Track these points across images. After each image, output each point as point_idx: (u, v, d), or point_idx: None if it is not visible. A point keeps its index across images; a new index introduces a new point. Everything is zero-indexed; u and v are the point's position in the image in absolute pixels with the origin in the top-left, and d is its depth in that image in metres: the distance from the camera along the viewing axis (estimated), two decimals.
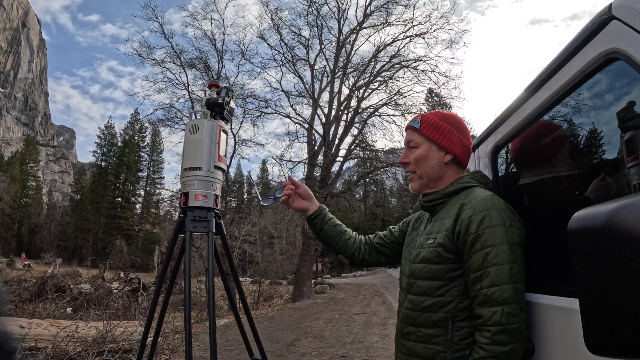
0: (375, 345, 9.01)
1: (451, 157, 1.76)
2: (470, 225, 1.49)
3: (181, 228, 2.89)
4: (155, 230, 41.40)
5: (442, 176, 1.77)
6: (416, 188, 1.82)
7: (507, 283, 1.37)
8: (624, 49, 1.02)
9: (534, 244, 1.55)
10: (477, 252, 1.45)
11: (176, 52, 23.07)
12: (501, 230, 1.44)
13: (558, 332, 1.26)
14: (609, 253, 0.65)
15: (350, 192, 29.35)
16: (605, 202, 0.69)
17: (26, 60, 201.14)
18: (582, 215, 0.73)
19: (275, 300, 21.53)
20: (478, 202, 1.53)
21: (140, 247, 74.31)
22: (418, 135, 1.79)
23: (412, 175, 1.82)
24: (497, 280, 1.38)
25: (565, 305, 1.21)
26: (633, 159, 1.05)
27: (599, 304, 0.68)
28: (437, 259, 1.59)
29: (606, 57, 1.10)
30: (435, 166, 1.76)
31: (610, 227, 0.65)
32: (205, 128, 2.91)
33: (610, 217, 0.66)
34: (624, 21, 1.03)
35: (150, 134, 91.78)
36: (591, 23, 1.16)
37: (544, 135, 1.58)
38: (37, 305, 11.41)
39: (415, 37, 23.67)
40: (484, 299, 1.40)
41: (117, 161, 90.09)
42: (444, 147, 1.76)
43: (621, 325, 0.64)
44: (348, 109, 24.74)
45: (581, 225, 0.71)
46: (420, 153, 1.77)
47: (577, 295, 0.74)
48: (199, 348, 7.85)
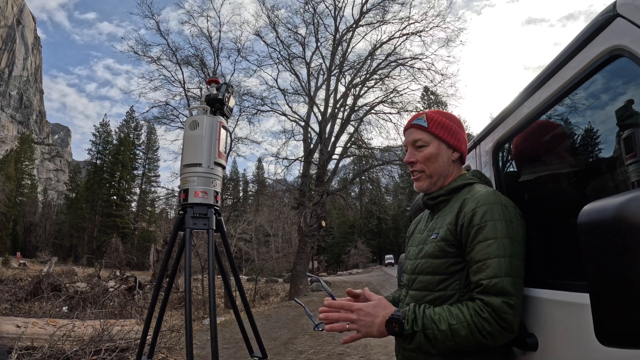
0: (372, 343, 9.01)
1: (458, 155, 1.77)
2: (474, 217, 1.50)
3: (181, 225, 2.89)
4: (151, 228, 41.32)
5: (449, 174, 1.76)
6: (425, 187, 1.79)
7: (508, 275, 1.37)
8: (629, 46, 1.03)
9: (538, 239, 1.56)
10: (480, 243, 1.45)
11: (172, 50, 23.03)
12: (503, 224, 1.44)
13: (562, 327, 1.27)
14: (619, 245, 0.66)
15: (346, 190, 29.44)
16: (615, 195, 0.70)
17: (21, 58, 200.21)
18: (592, 208, 0.73)
19: (271, 298, 21.54)
20: (481, 196, 1.54)
21: (136, 245, 74.28)
22: (426, 133, 1.76)
23: (420, 175, 1.78)
24: (499, 271, 1.38)
25: (569, 299, 1.22)
26: (632, 157, 1.06)
27: (609, 296, 0.69)
28: (439, 253, 1.59)
29: (610, 54, 1.11)
30: (445, 164, 1.74)
31: (620, 219, 0.66)
32: (205, 124, 2.90)
33: (620, 209, 0.66)
34: (629, 18, 1.04)
35: (146, 132, 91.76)
36: (596, 20, 1.16)
37: (545, 132, 1.58)
38: (33, 305, 11.35)
39: (412, 35, 23.72)
40: (485, 289, 1.40)
41: (113, 159, 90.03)
42: (453, 145, 1.75)
43: (632, 316, 0.65)
44: (344, 106, 24.79)
45: (591, 218, 0.72)
46: (431, 151, 1.74)
47: (587, 288, 0.74)
48: (196, 346, 7.85)
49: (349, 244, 79.48)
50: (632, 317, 0.65)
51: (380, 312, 1.50)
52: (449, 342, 1.39)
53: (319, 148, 23.67)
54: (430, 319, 1.43)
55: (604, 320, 0.70)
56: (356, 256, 71.75)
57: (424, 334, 1.41)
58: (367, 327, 1.50)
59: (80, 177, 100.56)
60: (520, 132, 1.69)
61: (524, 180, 1.79)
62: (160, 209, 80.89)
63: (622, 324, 0.67)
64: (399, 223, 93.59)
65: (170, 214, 66.05)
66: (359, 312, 1.52)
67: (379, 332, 1.49)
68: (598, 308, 0.71)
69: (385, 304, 1.54)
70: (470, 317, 1.38)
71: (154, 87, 23.44)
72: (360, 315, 1.51)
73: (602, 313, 0.71)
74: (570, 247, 1.30)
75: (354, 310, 1.53)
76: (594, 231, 0.71)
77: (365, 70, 24.80)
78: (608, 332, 0.70)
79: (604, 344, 0.72)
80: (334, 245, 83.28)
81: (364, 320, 1.50)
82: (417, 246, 1.78)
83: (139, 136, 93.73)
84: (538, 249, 1.56)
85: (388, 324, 1.47)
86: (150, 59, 23.25)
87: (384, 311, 1.50)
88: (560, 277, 1.41)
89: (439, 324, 1.40)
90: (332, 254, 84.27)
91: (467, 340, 1.38)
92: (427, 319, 1.43)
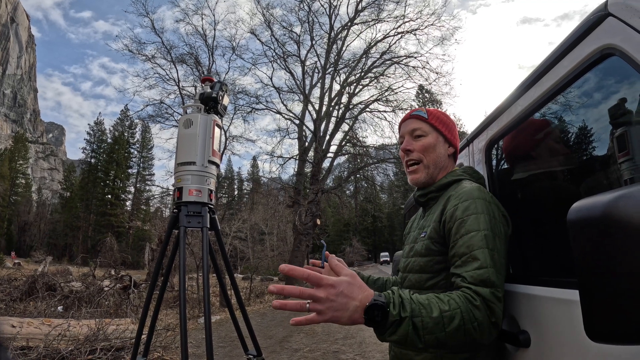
0: (367, 341, 9.03)
1: (453, 150, 1.79)
2: (456, 212, 1.49)
3: (175, 223, 2.89)
4: (145, 227, 41.26)
5: (444, 167, 1.77)
6: (422, 180, 1.76)
7: (493, 267, 1.34)
8: (620, 45, 1.04)
9: (531, 236, 1.57)
10: (463, 236, 1.42)
11: (166, 48, 23.00)
12: (486, 217, 1.43)
13: (554, 324, 1.27)
14: (608, 242, 0.67)
15: (341, 188, 29.43)
16: (604, 193, 0.71)
17: (15, 56, 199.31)
18: (581, 205, 0.74)
19: (266, 297, 21.51)
20: (464, 192, 1.53)
21: (131, 244, 74.14)
22: (426, 124, 1.76)
23: (417, 166, 1.76)
24: (485, 262, 1.34)
25: (561, 296, 1.23)
26: (624, 155, 1.07)
27: (598, 293, 0.70)
28: (425, 251, 1.60)
29: (602, 52, 1.12)
30: (442, 156, 1.75)
31: (609, 216, 0.66)
32: (199, 122, 2.91)
33: (609, 206, 0.67)
34: (620, 18, 1.05)
35: (140, 131, 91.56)
36: (587, 19, 1.17)
37: (538, 130, 1.59)
38: (28, 304, 11.30)
39: (407, 33, 23.76)
40: (473, 280, 1.33)
41: (107, 158, 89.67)
42: (449, 139, 1.77)
43: (620, 312, 0.66)
44: (339, 105, 24.82)
45: (580, 215, 0.73)
46: (430, 141, 1.74)
47: (577, 284, 0.75)
48: (191, 345, 7.84)
49: (344, 242, 79.69)
50: (620, 314, 0.66)
51: (357, 294, 1.15)
52: (439, 332, 1.20)
53: (314, 146, 23.70)
54: (419, 304, 1.23)
55: (593, 316, 0.71)
56: (351, 254, 71.76)
57: (412, 322, 1.19)
58: (337, 311, 1.13)
59: (74, 176, 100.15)
60: (513, 130, 1.70)
61: (517, 178, 1.80)
62: (155, 207, 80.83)
63: (611, 320, 0.68)
64: (393, 221, 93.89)
65: (165, 213, 66.02)
66: (328, 289, 1.14)
67: (350, 320, 1.15)
68: (587, 305, 0.72)
69: (360, 283, 1.19)
70: (463, 304, 1.26)
71: (149, 86, 23.43)
72: (329, 293, 1.13)
73: (591, 309, 0.72)
74: (562, 244, 1.31)
75: (323, 285, 1.14)
76: (583, 228, 0.72)
77: (360, 69, 24.90)
78: (597, 329, 0.71)
79: (593, 339, 0.73)
80: (329, 243, 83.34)
81: (335, 302, 1.13)
82: (410, 244, 1.80)
83: (134, 135, 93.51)
84: (531, 245, 1.57)
85: (369, 311, 1.15)
86: (145, 57, 23.22)
87: (362, 294, 1.16)
88: (553, 274, 1.42)
89: (430, 311, 1.21)
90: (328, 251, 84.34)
91: (457, 331, 1.22)
92: (415, 304, 1.22)
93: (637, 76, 1.00)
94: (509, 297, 1.52)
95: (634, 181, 1.05)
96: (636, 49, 0.99)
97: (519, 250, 1.65)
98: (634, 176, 1.06)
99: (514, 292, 1.51)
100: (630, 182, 1.06)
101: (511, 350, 1.50)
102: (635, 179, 1.05)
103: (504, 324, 1.56)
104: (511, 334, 1.46)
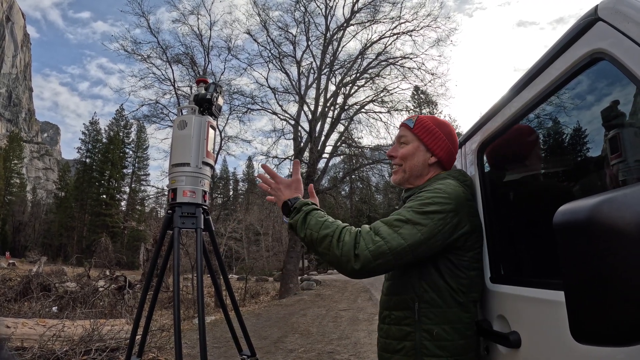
0: (362, 341, 9.05)
1: (436, 159, 1.87)
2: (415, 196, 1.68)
3: (169, 224, 2.89)
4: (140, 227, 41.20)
5: (423, 175, 1.88)
6: (398, 181, 1.94)
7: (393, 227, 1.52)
8: (609, 49, 1.06)
9: (521, 238, 1.58)
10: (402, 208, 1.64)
11: (162, 48, 22.97)
12: (428, 199, 1.58)
13: (543, 324, 1.29)
14: (592, 245, 0.68)
15: (336, 189, 29.46)
16: (590, 197, 0.72)
17: (10, 55, 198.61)
18: (567, 209, 0.75)
19: (261, 297, 21.51)
20: (432, 186, 1.67)
21: (126, 244, 73.91)
22: (410, 133, 1.90)
23: (398, 169, 1.93)
24: (387, 220, 1.56)
25: (550, 297, 1.24)
26: (617, 157, 1.08)
27: (583, 295, 0.71)
28: None
29: (591, 57, 1.13)
30: (419, 164, 1.87)
31: (593, 220, 0.68)
32: (194, 124, 2.91)
33: (593, 210, 0.68)
34: (610, 23, 1.06)
35: (136, 131, 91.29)
36: (578, 24, 1.19)
37: (530, 132, 1.61)
38: (22, 305, 11.28)
39: (402, 34, 23.78)
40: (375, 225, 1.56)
41: (102, 158, 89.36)
42: (431, 149, 1.86)
43: (604, 315, 0.67)
44: (334, 105, 24.81)
45: (566, 218, 0.74)
46: (409, 150, 1.88)
47: (563, 287, 0.76)
48: (186, 346, 7.84)
49: None
50: (604, 316, 0.67)
51: (286, 194, 1.85)
52: (314, 232, 1.58)
53: (309, 147, 23.68)
54: (317, 212, 1.68)
55: (578, 318, 0.72)
56: None
57: (304, 214, 1.67)
58: (277, 198, 1.89)
59: (69, 176, 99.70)
60: (505, 132, 1.71)
61: (508, 179, 1.82)
62: (150, 207, 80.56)
63: (595, 322, 0.69)
64: None
65: (160, 213, 65.76)
66: (278, 184, 1.90)
67: (279, 203, 1.86)
68: (572, 306, 0.73)
69: (297, 187, 1.89)
70: (345, 226, 1.58)
71: (145, 86, 23.40)
72: (276, 187, 1.90)
73: (576, 311, 0.73)
74: (551, 246, 1.33)
75: (276, 181, 1.91)
76: (568, 231, 0.73)
77: (356, 70, 24.86)
78: (582, 330, 0.72)
79: (578, 340, 0.74)
80: None
81: (277, 192, 1.89)
82: None
83: (129, 135, 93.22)
84: (522, 247, 1.58)
85: (284, 205, 1.81)
86: (141, 57, 23.18)
87: (290, 194, 1.84)
88: (542, 275, 1.44)
89: (319, 216, 1.65)
90: None
91: (325, 238, 1.54)
92: (315, 210, 1.69)
93: (626, 80, 1.01)
94: (500, 298, 1.53)
95: (627, 182, 1.06)
96: (625, 54, 1.00)
97: (509, 251, 1.66)
98: (627, 178, 1.07)
99: (504, 293, 1.52)
100: (624, 184, 1.07)
101: (502, 350, 1.51)
102: (628, 181, 1.06)
103: (495, 325, 1.57)
104: (502, 334, 1.47)
